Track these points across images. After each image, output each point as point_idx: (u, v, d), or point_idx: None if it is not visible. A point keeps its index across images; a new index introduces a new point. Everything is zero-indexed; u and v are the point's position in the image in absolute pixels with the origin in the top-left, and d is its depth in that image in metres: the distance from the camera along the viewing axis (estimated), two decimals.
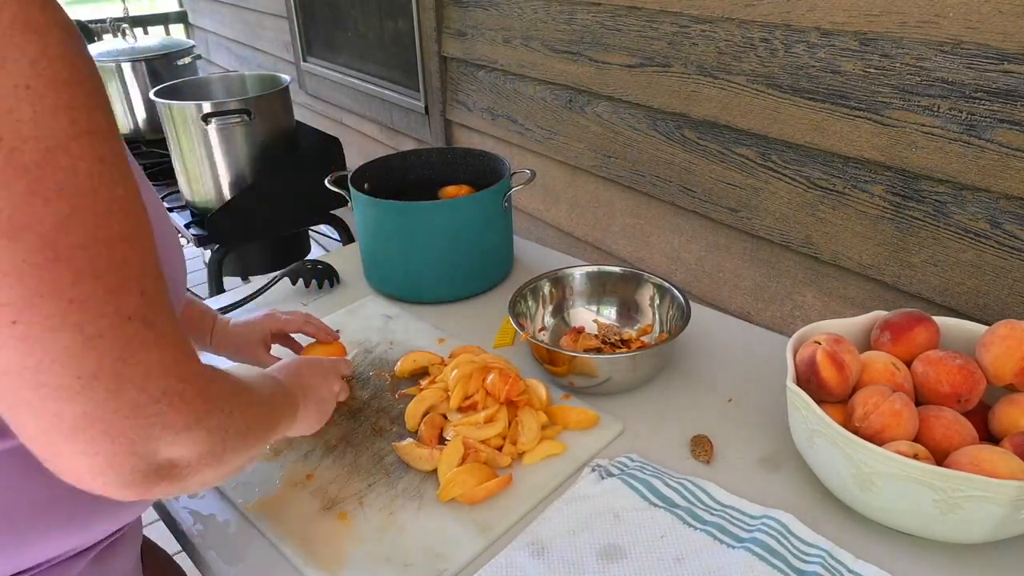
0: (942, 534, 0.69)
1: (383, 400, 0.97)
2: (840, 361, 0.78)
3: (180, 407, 0.45)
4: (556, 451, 0.86)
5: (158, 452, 0.45)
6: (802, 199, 1.15)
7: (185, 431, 0.46)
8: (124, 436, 0.43)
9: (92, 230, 0.41)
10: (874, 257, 1.08)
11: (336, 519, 0.78)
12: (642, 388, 0.98)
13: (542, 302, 1.11)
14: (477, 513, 0.78)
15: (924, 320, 0.83)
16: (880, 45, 0.98)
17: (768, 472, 0.83)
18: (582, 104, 1.52)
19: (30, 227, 0.39)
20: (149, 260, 0.45)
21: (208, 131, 1.79)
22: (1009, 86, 0.87)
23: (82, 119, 0.41)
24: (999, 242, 0.93)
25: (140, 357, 0.43)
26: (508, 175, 1.23)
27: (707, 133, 1.27)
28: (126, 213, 0.43)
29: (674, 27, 1.26)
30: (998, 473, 0.65)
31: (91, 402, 0.41)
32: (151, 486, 0.46)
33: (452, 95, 1.96)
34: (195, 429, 0.47)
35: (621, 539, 0.74)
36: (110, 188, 0.42)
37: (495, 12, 1.67)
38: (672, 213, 1.42)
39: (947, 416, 0.74)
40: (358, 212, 1.22)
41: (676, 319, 1.02)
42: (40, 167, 0.39)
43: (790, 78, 1.10)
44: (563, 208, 1.71)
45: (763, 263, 1.27)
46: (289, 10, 2.76)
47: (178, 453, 0.46)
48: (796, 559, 0.70)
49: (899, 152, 1.00)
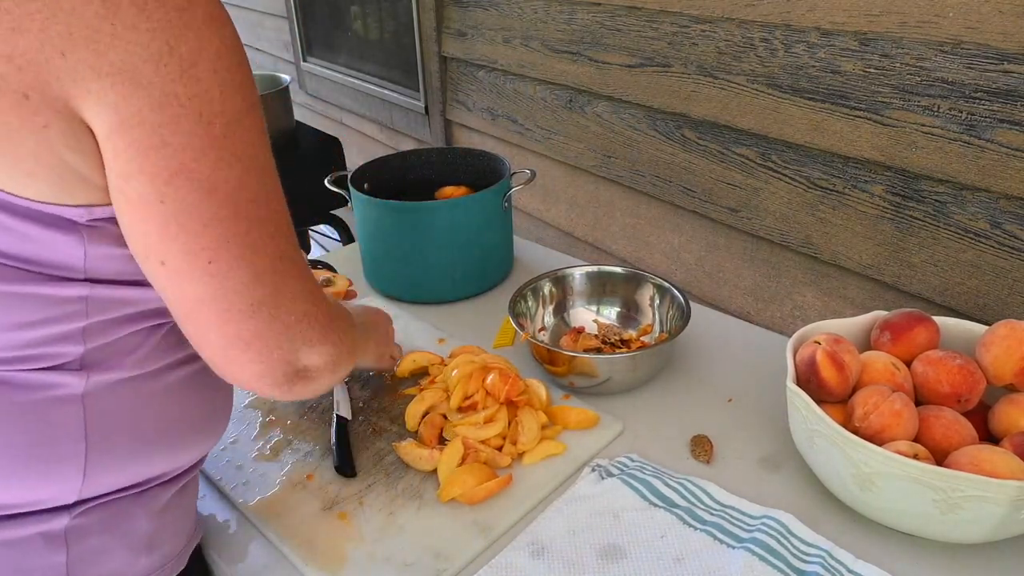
0: (942, 534, 0.69)
1: (383, 400, 0.97)
2: (840, 361, 0.78)
3: (315, 325, 0.57)
4: (556, 451, 0.86)
5: (299, 359, 0.57)
6: (802, 199, 1.15)
7: (319, 344, 0.58)
8: (280, 347, 0.55)
9: (258, 187, 0.51)
10: (874, 257, 1.08)
11: (336, 519, 0.78)
12: (642, 388, 0.98)
13: (542, 302, 1.11)
14: (477, 513, 0.78)
15: (924, 320, 0.83)
16: (880, 45, 0.98)
17: (768, 472, 0.83)
18: (582, 104, 1.52)
19: (219, 187, 0.48)
20: (285, 207, 0.55)
21: None
22: (1009, 86, 0.87)
23: (249, 95, 0.50)
24: (999, 242, 0.93)
25: (289, 286, 0.55)
26: (508, 175, 1.23)
27: (707, 133, 1.27)
28: (273, 171, 0.53)
29: (674, 27, 1.26)
30: (998, 473, 0.65)
31: (261, 322, 0.53)
32: (293, 386, 0.58)
33: (452, 95, 1.96)
34: (324, 343, 0.58)
35: (621, 539, 0.74)
36: (266, 151, 0.52)
37: (495, 12, 1.67)
38: (672, 213, 1.42)
39: (947, 416, 0.74)
40: (358, 212, 1.22)
41: (676, 319, 1.02)
42: (226, 137, 0.48)
43: (790, 78, 1.10)
44: (563, 208, 1.71)
45: (763, 263, 1.27)
46: (289, 10, 2.76)
47: (313, 361, 0.58)
48: (796, 559, 0.70)
49: (899, 152, 1.00)
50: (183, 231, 0.48)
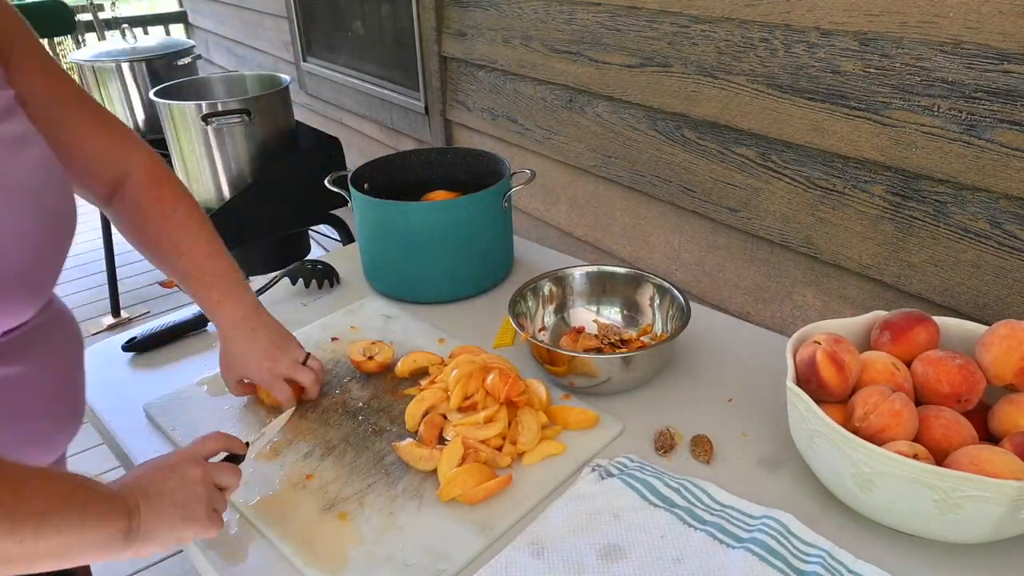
0: (942, 534, 0.69)
1: (383, 400, 0.97)
2: (840, 361, 0.78)
3: None
4: (556, 451, 0.86)
5: None
6: (802, 199, 1.15)
7: None
8: None
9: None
10: (874, 257, 1.08)
11: (336, 519, 0.78)
12: (642, 388, 0.98)
13: (542, 302, 1.11)
14: (477, 513, 0.78)
15: (924, 320, 0.83)
16: (880, 45, 0.98)
17: (768, 472, 0.83)
18: (582, 104, 1.52)
19: None
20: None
21: (208, 131, 1.79)
22: (1009, 86, 0.87)
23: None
24: (999, 242, 0.93)
25: None
26: (508, 175, 1.23)
27: (707, 133, 1.27)
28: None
29: (674, 27, 1.26)
30: (998, 473, 0.65)
31: None
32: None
33: (452, 95, 1.96)
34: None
35: (621, 539, 0.74)
36: None
37: (495, 12, 1.67)
38: (672, 213, 1.42)
39: (947, 416, 0.74)
40: (358, 212, 1.22)
41: (676, 319, 1.02)
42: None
43: (790, 78, 1.10)
44: (563, 208, 1.71)
45: (763, 263, 1.27)
46: (289, 10, 2.76)
47: None
48: (796, 559, 0.70)
49: (899, 152, 1.00)
50: None
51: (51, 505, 0.53)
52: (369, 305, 1.22)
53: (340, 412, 0.95)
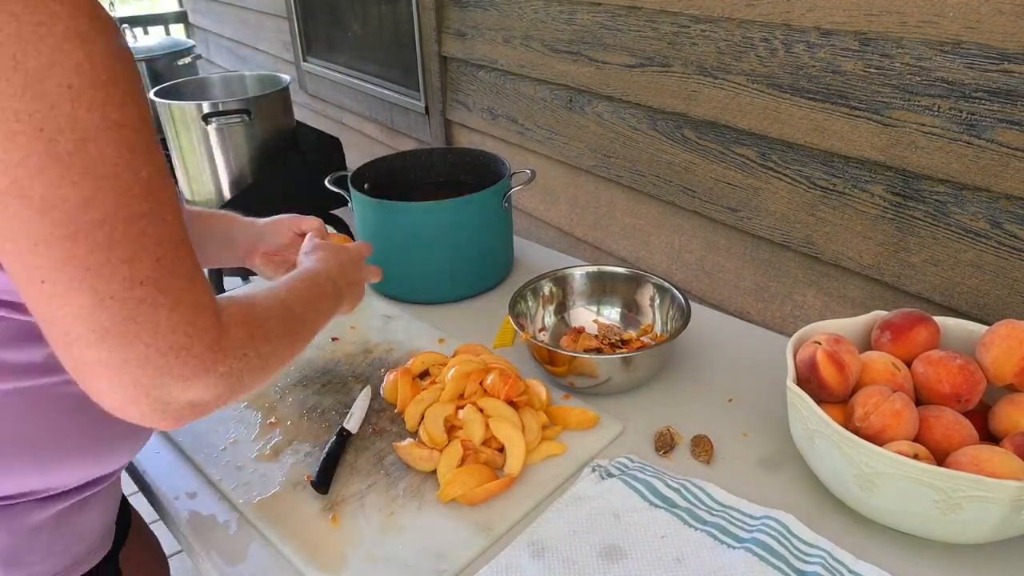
0: (942, 534, 0.69)
1: (383, 400, 0.97)
2: (840, 361, 0.78)
3: (187, 360, 0.50)
4: (556, 451, 0.86)
5: (172, 395, 0.51)
6: (802, 199, 1.15)
7: (194, 379, 0.51)
8: (136, 382, 0.49)
9: (111, 209, 0.47)
10: (874, 257, 1.08)
11: (336, 519, 0.78)
12: (642, 388, 0.98)
13: (542, 302, 1.11)
14: (477, 513, 0.78)
15: (924, 320, 0.83)
16: (880, 45, 0.98)
17: (768, 472, 0.83)
18: (582, 104, 1.52)
19: (56, 205, 0.45)
20: (169, 231, 0.51)
21: (208, 131, 1.79)
22: (1009, 86, 0.87)
23: (113, 113, 0.47)
24: (999, 242, 0.93)
25: (149, 316, 0.49)
26: (508, 175, 1.23)
27: (707, 133, 1.27)
28: (148, 193, 0.49)
29: (674, 27, 1.26)
30: (998, 473, 0.65)
31: (106, 352, 0.48)
32: (176, 420, 0.52)
33: (452, 95, 1.96)
34: (205, 376, 0.52)
35: (621, 539, 0.73)
36: (134, 171, 0.48)
37: (495, 12, 1.67)
38: (672, 213, 1.42)
39: (947, 416, 0.74)
40: (358, 212, 1.22)
41: (676, 319, 1.02)
42: (72, 156, 0.45)
43: (790, 78, 1.10)
44: (563, 208, 1.71)
45: (763, 263, 1.27)
46: (289, 10, 2.76)
47: (193, 396, 0.52)
48: (796, 559, 0.70)
49: (899, 152, 1.00)
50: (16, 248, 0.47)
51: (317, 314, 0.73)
52: (369, 305, 1.22)
53: (340, 412, 0.95)
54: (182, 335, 0.50)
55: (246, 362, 0.55)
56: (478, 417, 0.87)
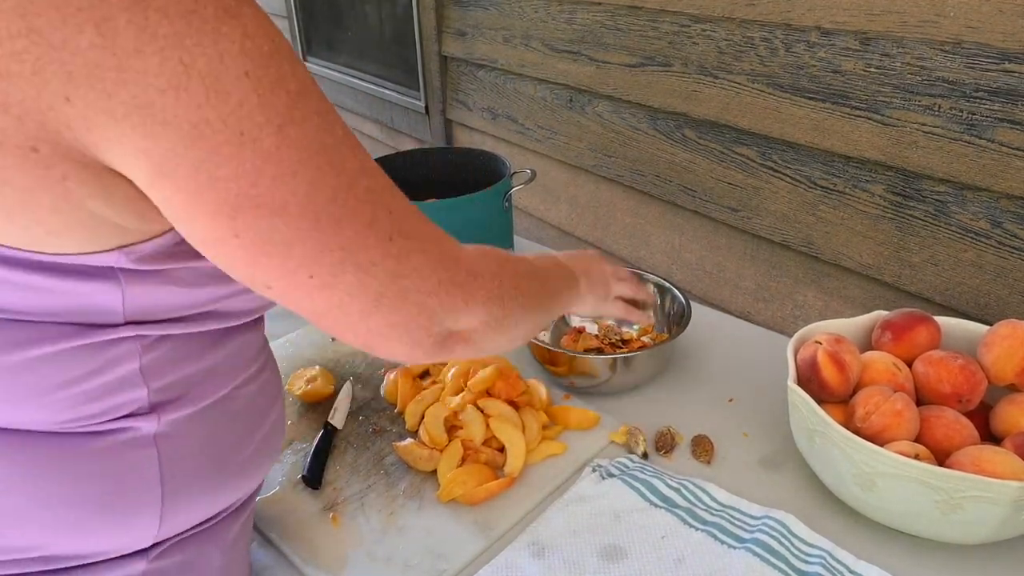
0: (943, 535, 0.69)
1: (383, 400, 0.97)
2: (841, 361, 0.78)
3: (453, 291, 0.53)
4: (556, 451, 0.86)
5: (446, 327, 0.54)
6: (803, 199, 1.15)
7: (464, 307, 0.54)
8: (419, 327, 0.51)
9: (333, 181, 0.45)
10: (875, 257, 1.08)
11: (336, 519, 0.78)
12: (642, 388, 0.98)
13: None
14: (477, 513, 0.78)
15: (925, 320, 0.83)
16: (881, 44, 0.98)
17: (769, 472, 0.83)
18: (582, 104, 1.52)
19: (289, 201, 0.42)
20: (380, 177, 0.49)
21: None
22: (1010, 85, 0.87)
23: (291, 84, 0.42)
24: (1000, 242, 0.93)
25: (410, 264, 0.50)
26: (508, 175, 1.23)
27: (707, 132, 1.27)
28: (351, 148, 0.46)
29: (674, 26, 1.26)
30: (999, 473, 0.65)
31: (388, 313, 0.49)
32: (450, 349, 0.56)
33: (452, 95, 1.96)
34: (471, 303, 0.55)
35: (621, 539, 0.73)
36: (331, 133, 0.45)
37: (495, 12, 1.67)
38: (672, 213, 1.42)
39: (948, 416, 0.74)
40: None
41: (676, 319, 1.02)
42: (279, 148, 0.41)
43: (790, 78, 1.10)
44: (563, 208, 1.71)
45: (763, 263, 1.27)
46: (289, 10, 2.76)
47: (464, 324, 0.55)
48: (797, 559, 0.70)
49: (900, 152, 1.00)
50: (269, 257, 0.44)
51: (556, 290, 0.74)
52: None
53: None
54: (442, 270, 0.53)
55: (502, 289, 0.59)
56: (478, 417, 0.87)
